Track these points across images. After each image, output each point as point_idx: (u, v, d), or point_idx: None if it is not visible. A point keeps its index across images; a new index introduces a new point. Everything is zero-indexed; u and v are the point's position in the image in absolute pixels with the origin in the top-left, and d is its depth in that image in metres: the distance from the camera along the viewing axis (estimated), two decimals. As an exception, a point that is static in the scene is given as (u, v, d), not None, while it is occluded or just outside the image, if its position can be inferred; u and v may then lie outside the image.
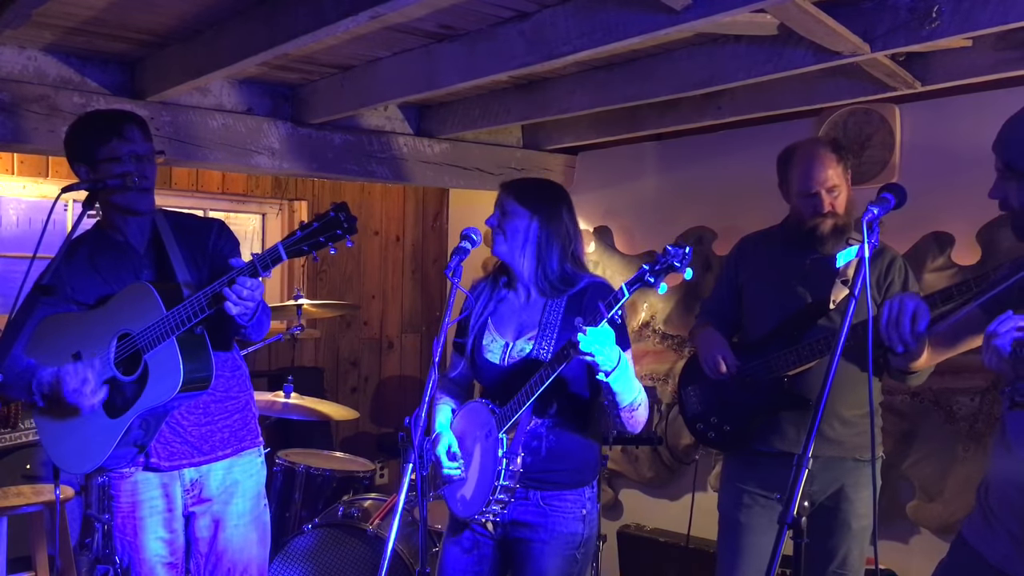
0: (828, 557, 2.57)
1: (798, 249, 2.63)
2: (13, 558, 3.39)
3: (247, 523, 2.49)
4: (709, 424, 2.75)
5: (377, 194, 5.11)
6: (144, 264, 2.39)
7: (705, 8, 2.18)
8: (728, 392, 2.69)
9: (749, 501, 2.64)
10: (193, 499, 2.43)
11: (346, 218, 1.98)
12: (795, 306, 2.59)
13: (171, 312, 2.17)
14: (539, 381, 2.17)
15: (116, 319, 2.28)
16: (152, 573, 2.40)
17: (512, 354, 2.35)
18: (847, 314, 1.73)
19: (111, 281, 2.35)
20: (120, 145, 2.26)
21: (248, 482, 2.50)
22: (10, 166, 3.95)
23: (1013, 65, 2.68)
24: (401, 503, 2.03)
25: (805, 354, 2.52)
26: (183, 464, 2.39)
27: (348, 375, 5.07)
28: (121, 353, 2.26)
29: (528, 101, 3.54)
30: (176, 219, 2.47)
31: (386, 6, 2.14)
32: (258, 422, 2.59)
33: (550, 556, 2.28)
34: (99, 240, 2.41)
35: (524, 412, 2.23)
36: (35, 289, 2.26)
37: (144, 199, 2.33)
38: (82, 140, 2.31)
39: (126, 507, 2.39)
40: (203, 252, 2.42)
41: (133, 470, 2.38)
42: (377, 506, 3.39)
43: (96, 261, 2.38)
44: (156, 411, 2.28)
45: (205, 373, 2.25)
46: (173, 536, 2.43)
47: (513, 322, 2.40)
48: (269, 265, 2.06)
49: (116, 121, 2.29)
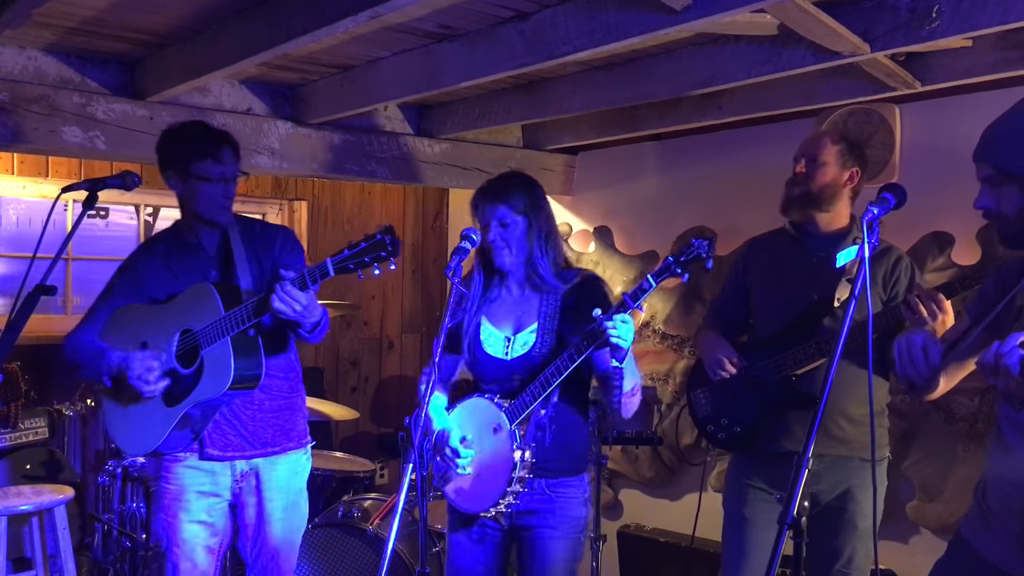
0: (834, 557, 2.58)
1: (803, 248, 2.66)
2: (13, 558, 3.39)
3: (291, 515, 2.65)
4: (720, 425, 2.75)
5: (377, 194, 5.11)
6: (212, 265, 2.56)
7: (705, 8, 2.18)
8: (737, 393, 2.70)
9: (754, 496, 2.64)
10: (241, 489, 2.59)
11: (391, 241, 2.11)
12: (801, 305, 2.61)
13: (228, 314, 2.34)
14: (558, 371, 2.24)
15: (180, 315, 2.46)
16: (192, 553, 2.56)
17: (515, 348, 2.39)
18: (847, 314, 1.73)
19: (181, 280, 2.52)
20: (214, 166, 2.46)
21: (293, 478, 2.65)
22: (10, 166, 3.95)
23: (1013, 65, 2.68)
24: (401, 503, 2.04)
25: (812, 353, 2.54)
26: (235, 456, 2.56)
27: (348, 375, 5.07)
28: (182, 347, 2.45)
29: (528, 101, 3.54)
30: (246, 224, 2.65)
31: (386, 6, 2.14)
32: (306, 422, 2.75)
33: (559, 539, 2.36)
34: (175, 240, 2.61)
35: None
36: (113, 281, 2.57)
37: (223, 214, 2.53)
38: (179, 152, 2.48)
39: (174, 489, 2.56)
40: (268, 258, 2.58)
41: (187, 455, 2.55)
42: (377, 506, 3.39)
43: (171, 260, 2.57)
44: (209, 404, 2.44)
45: (255, 372, 2.40)
46: (215, 521, 2.59)
47: (510, 316, 2.44)
48: (318, 279, 2.22)
49: (215, 143, 2.47)
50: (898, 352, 1.80)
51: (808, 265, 2.62)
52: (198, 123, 2.59)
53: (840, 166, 2.61)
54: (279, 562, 2.65)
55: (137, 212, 4.52)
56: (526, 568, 2.42)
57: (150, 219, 4.56)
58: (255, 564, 2.65)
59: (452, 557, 2.49)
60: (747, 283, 2.80)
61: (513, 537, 2.45)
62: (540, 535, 2.37)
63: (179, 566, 2.56)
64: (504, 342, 2.41)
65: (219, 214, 2.53)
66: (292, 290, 2.23)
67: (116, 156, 3.40)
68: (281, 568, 2.66)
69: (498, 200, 2.37)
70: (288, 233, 2.69)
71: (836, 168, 2.60)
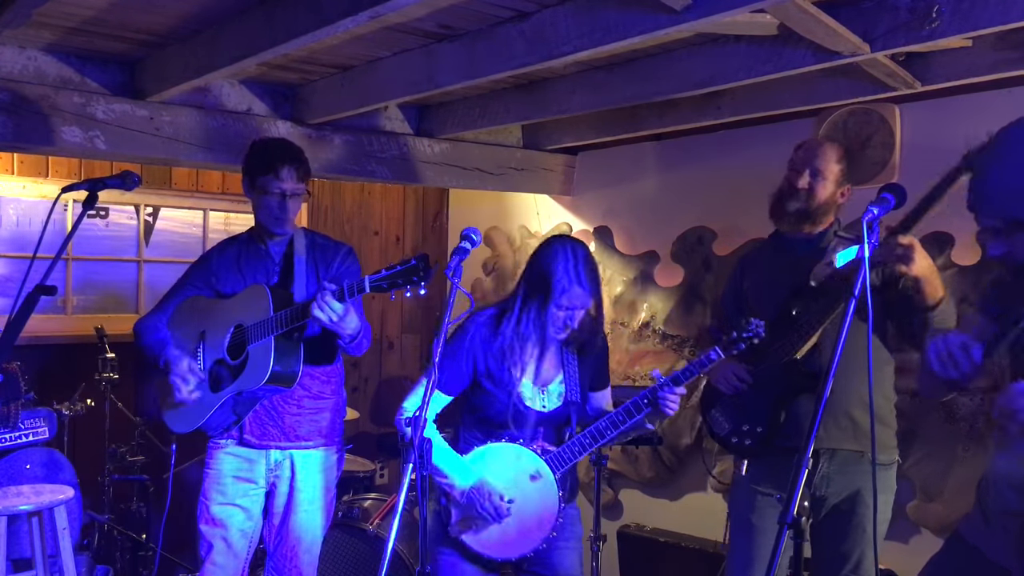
0: (842, 560, 2.57)
1: (788, 248, 2.70)
2: (13, 558, 3.39)
3: (316, 508, 2.78)
4: (742, 434, 2.72)
5: (377, 194, 5.11)
6: (275, 271, 2.78)
7: (705, 8, 2.18)
8: (748, 397, 2.69)
9: (762, 503, 2.63)
10: (275, 477, 2.76)
11: (424, 267, 2.27)
12: (785, 295, 2.62)
13: (275, 315, 2.54)
14: (613, 425, 2.37)
15: (236, 311, 2.69)
16: (226, 535, 2.73)
17: (549, 399, 2.47)
18: (847, 314, 1.74)
19: (248, 279, 2.76)
20: (272, 182, 2.64)
21: (323, 474, 2.80)
22: (10, 166, 3.95)
23: (1013, 65, 2.68)
24: (401, 503, 2.04)
25: (804, 331, 2.55)
26: (271, 445, 2.74)
27: (348, 375, 5.03)
28: (233, 340, 2.67)
29: (528, 101, 3.54)
30: (313, 238, 2.84)
31: (386, 6, 2.14)
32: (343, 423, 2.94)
33: (572, 551, 2.51)
34: (247, 244, 2.84)
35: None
36: (188, 272, 2.84)
37: (280, 225, 2.71)
38: (251, 165, 2.70)
39: (215, 472, 2.76)
40: (327, 270, 2.77)
41: (228, 442, 2.76)
42: (377, 506, 3.39)
43: (241, 261, 2.80)
44: (248, 394, 2.63)
45: (291, 371, 2.58)
46: (251, 506, 2.76)
47: (531, 361, 2.48)
48: (355, 293, 2.39)
49: (279, 160, 2.65)
50: (936, 354, 1.73)
51: (795, 262, 2.64)
52: (279, 140, 2.83)
53: (837, 184, 2.62)
54: (299, 552, 2.75)
55: (137, 212, 4.51)
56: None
57: (150, 219, 4.56)
58: (275, 552, 2.78)
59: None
60: (743, 291, 2.84)
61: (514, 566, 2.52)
62: (555, 550, 2.46)
63: (213, 545, 2.73)
64: (536, 393, 2.46)
65: (274, 225, 2.71)
66: (331, 300, 2.39)
67: (116, 156, 3.39)
68: (301, 560, 2.76)
69: (590, 292, 2.39)
70: (350, 251, 2.87)
71: (834, 186, 2.62)
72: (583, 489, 4.31)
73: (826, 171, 2.61)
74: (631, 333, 4.21)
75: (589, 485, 4.09)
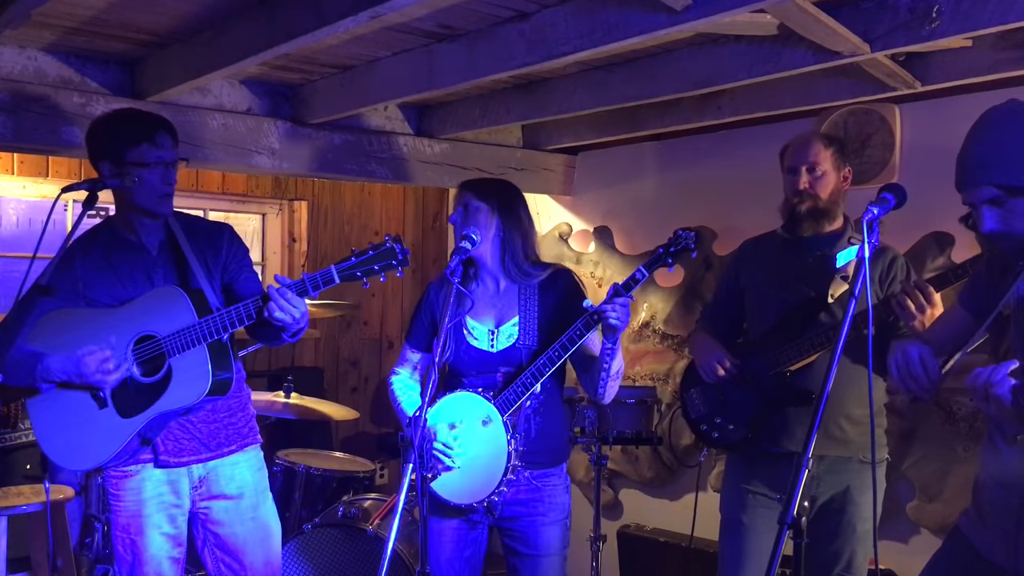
0: (833, 560, 2.58)
1: (798, 248, 2.66)
2: (13, 558, 3.39)
3: (255, 517, 2.53)
4: (713, 425, 2.76)
5: (377, 194, 5.11)
6: (157, 266, 2.41)
7: (705, 8, 2.18)
8: (731, 392, 2.70)
9: (752, 502, 2.64)
10: (201, 495, 2.47)
11: (400, 250, 2.09)
12: (795, 302, 2.61)
13: (204, 320, 2.21)
14: (550, 361, 2.33)
15: (138, 321, 2.30)
16: (159, 568, 2.41)
17: (499, 340, 2.45)
18: (847, 314, 1.74)
19: (125, 281, 2.37)
20: (150, 150, 2.29)
21: (253, 477, 2.55)
22: (10, 166, 3.95)
23: (1013, 65, 2.68)
24: (401, 503, 2.04)
25: (806, 348, 2.54)
26: (191, 460, 2.43)
27: (348, 375, 5.07)
28: (141, 355, 2.29)
29: (528, 101, 3.54)
30: (187, 221, 2.50)
31: (386, 6, 2.14)
32: (256, 421, 2.64)
33: (550, 525, 2.45)
34: (112, 238, 2.42)
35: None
36: (33, 288, 2.25)
37: (165, 203, 2.36)
38: (111, 139, 2.31)
39: (131, 505, 2.40)
40: (216, 258, 2.46)
41: (139, 467, 2.39)
42: (377, 506, 3.39)
43: (112, 259, 2.39)
44: (175, 413, 2.32)
45: (227, 377, 2.29)
46: (178, 532, 2.46)
47: (490, 309, 2.49)
48: (320, 286, 2.13)
49: (149, 126, 2.32)
50: (895, 367, 1.80)
51: (805, 265, 2.63)
52: (129, 109, 2.44)
53: (836, 170, 2.62)
54: (270, 561, 2.54)
55: (137, 212, 4.51)
56: (520, 556, 2.46)
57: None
58: (229, 570, 2.50)
59: (436, 551, 2.50)
60: (740, 286, 2.82)
61: (497, 530, 2.50)
62: (531, 523, 2.43)
63: None
64: (488, 335, 2.46)
65: (160, 204, 2.34)
66: (293, 297, 2.15)
67: (116, 156, 3.39)
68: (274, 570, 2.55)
69: (470, 187, 2.52)
70: (232, 232, 2.55)
71: (834, 173, 2.62)
72: (583, 489, 4.32)
73: (820, 160, 2.61)
74: (631, 333, 4.20)
75: (589, 485, 4.09)
